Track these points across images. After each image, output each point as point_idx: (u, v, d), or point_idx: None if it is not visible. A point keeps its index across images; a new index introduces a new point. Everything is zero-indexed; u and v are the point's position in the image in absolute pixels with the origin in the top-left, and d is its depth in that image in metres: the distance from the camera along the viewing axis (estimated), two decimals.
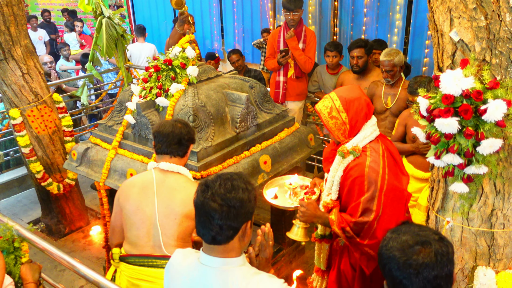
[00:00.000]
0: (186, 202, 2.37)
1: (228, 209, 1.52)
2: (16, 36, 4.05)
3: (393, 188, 2.35)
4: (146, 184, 2.50)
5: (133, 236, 2.47)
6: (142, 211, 2.44)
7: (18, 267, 2.55)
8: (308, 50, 4.82)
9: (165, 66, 3.33)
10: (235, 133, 3.32)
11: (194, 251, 1.77)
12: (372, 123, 2.46)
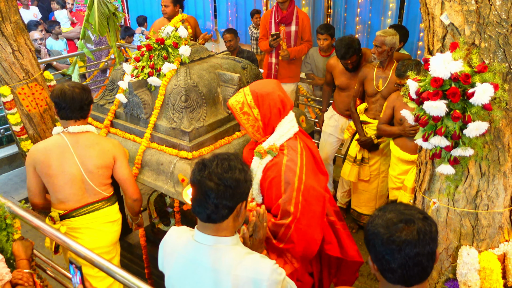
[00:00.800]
0: (101, 155, 2.84)
1: (224, 188, 1.55)
2: (6, 12, 4.00)
3: (311, 189, 2.22)
4: (62, 148, 2.78)
5: (68, 195, 2.82)
6: (68, 173, 2.77)
7: (10, 243, 2.58)
8: (304, 34, 4.82)
9: (157, 45, 3.32)
10: (227, 114, 3.33)
11: (189, 229, 1.81)
12: (289, 119, 2.31)
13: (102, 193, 2.92)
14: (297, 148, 2.25)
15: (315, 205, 2.23)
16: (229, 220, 1.63)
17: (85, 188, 2.85)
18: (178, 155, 3.05)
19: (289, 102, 2.34)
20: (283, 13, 4.78)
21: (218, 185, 1.55)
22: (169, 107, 3.18)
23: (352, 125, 4.04)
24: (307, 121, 3.88)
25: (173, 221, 3.82)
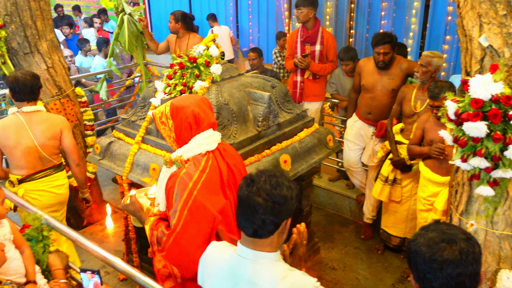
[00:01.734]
0: (50, 128, 3.45)
1: (272, 204, 1.58)
2: (42, 30, 4.13)
3: (201, 207, 2.15)
4: (18, 125, 3.36)
5: (24, 163, 3.41)
6: (24, 145, 3.36)
7: (46, 255, 2.63)
8: (329, 53, 4.86)
9: (189, 63, 3.40)
10: (256, 132, 3.38)
11: (229, 245, 1.83)
12: (204, 136, 2.29)
13: (53, 161, 3.54)
14: (200, 165, 2.22)
15: (202, 224, 2.16)
16: (274, 236, 1.65)
17: (39, 157, 3.45)
18: None
19: (207, 120, 2.33)
20: (308, 32, 4.84)
21: (266, 201, 1.58)
22: None
23: (387, 144, 4.03)
24: (334, 140, 3.91)
25: None
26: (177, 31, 5.47)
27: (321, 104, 5.05)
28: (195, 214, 2.14)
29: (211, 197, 2.20)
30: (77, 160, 3.61)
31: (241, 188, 1.64)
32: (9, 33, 4.02)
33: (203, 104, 2.36)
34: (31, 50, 4.11)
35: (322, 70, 4.84)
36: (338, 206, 5.02)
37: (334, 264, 4.18)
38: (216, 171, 2.26)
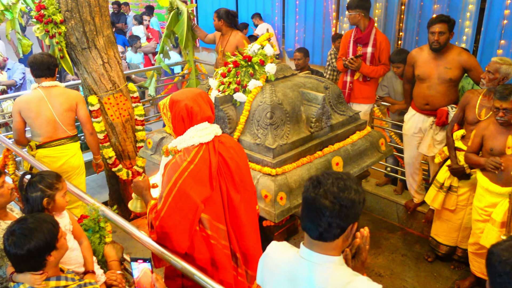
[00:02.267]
0: (67, 101, 3.88)
1: (339, 208, 1.54)
2: (100, 26, 4.23)
3: (184, 195, 2.25)
4: (39, 98, 3.80)
5: (43, 132, 3.86)
6: (44, 115, 3.81)
7: (102, 246, 2.68)
8: (382, 56, 4.76)
9: (244, 62, 3.40)
10: (309, 133, 3.34)
11: (291, 246, 1.80)
12: (197, 129, 2.36)
13: (68, 132, 3.97)
14: (189, 156, 2.31)
15: (185, 211, 2.27)
16: (339, 240, 1.61)
17: (56, 126, 3.89)
18: (261, 171, 3.08)
19: (201, 114, 2.39)
20: (361, 33, 4.78)
21: (334, 204, 1.54)
22: (254, 123, 3.23)
23: (445, 150, 3.89)
24: (386, 144, 3.82)
25: None
26: (220, 28, 5.52)
27: (371, 106, 4.95)
28: (178, 202, 2.25)
29: (196, 186, 2.29)
30: (90, 130, 4.08)
31: (307, 190, 1.61)
32: (69, 28, 4.14)
33: (199, 98, 2.41)
34: (89, 46, 4.22)
35: (373, 72, 4.75)
36: (385, 212, 4.92)
37: (380, 270, 4.09)
38: (205, 163, 2.33)
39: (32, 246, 1.93)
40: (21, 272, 2.00)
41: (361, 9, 4.68)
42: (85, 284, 2.10)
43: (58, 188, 2.43)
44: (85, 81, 4.38)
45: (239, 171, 2.46)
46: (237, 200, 2.44)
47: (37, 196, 2.34)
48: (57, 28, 4.07)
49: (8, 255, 1.97)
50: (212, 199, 2.35)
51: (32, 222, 1.98)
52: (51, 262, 2.03)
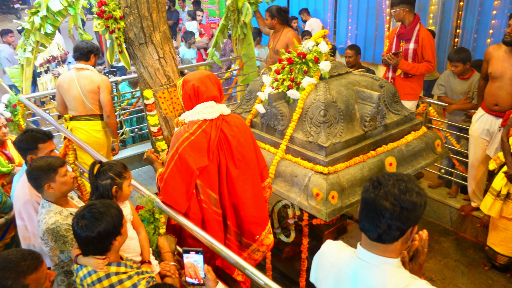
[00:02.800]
0: (91, 84, 4.46)
1: (400, 210, 1.51)
2: (157, 22, 4.33)
3: (183, 160, 2.56)
4: (71, 78, 4.48)
5: (73, 107, 4.54)
6: (73, 93, 4.47)
7: (156, 237, 2.76)
8: (426, 53, 4.64)
9: (298, 59, 3.38)
10: (362, 132, 3.29)
11: (346, 246, 1.79)
12: (202, 106, 2.65)
13: (94, 110, 4.56)
14: (192, 129, 2.61)
15: (183, 175, 2.59)
16: (398, 242, 1.59)
17: (83, 103, 4.50)
18: (313, 169, 3.07)
19: (207, 93, 2.66)
20: (404, 29, 4.71)
21: (394, 206, 1.51)
22: (307, 120, 3.21)
23: (500, 156, 3.73)
24: (442, 145, 3.71)
25: (293, 233, 3.84)
26: (274, 26, 5.53)
27: (415, 103, 4.82)
28: (178, 166, 2.59)
29: (194, 155, 2.59)
30: (108, 113, 4.55)
31: (366, 190, 1.58)
32: (127, 24, 4.26)
33: (206, 79, 2.70)
34: (146, 41, 4.32)
35: (413, 69, 4.66)
36: (437, 215, 4.78)
37: (431, 275, 3.99)
38: (206, 136, 2.62)
39: (102, 229, 2.03)
40: (87, 255, 2.10)
41: (405, 4, 4.63)
42: (142, 272, 2.17)
43: (126, 177, 2.53)
44: (141, 75, 4.50)
45: (241, 148, 2.69)
46: (235, 174, 2.69)
47: (107, 184, 2.45)
48: (116, 23, 4.20)
49: (78, 238, 2.06)
50: (207, 169, 2.64)
51: (101, 207, 2.07)
52: (115, 247, 2.11)
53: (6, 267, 1.80)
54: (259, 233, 2.86)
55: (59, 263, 2.60)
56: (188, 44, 7.38)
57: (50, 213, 2.52)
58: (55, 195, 2.58)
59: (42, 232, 2.50)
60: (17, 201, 3.00)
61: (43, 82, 6.30)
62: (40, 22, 4.80)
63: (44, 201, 2.59)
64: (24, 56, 5.05)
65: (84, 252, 2.12)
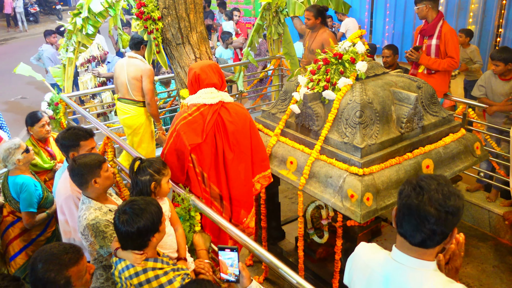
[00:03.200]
0: (135, 71, 4.91)
1: (445, 215, 1.50)
2: (194, 22, 4.40)
3: (179, 137, 2.89)
4: (122, 64, 5.00)
5: (119, 90, 5.06)
6: (121, 79, 4.96)
7: (191, 234, 2.81)
8: (449, 49, 4.62)
9: (334, 59, 3.37)
10: (399, 133, 3.25)
11: (380, 248, 1.78)
12: (202, 92, 2.96)
13: (135, 95, 5.00)
14: (191, 110, 2.94)
15: (178, 151, 2.92)
16: (439, 246, 1.57)
17: (126, 89, 4.96)
18: (348, 170, 3.05)
19: (208, 80, 2.98)
20: (426, 25, 4.74)
21: (439, 212, 1.50)
22: (342, 121, 3.19)
23: None
24: (481, 148, 3.62)
25: (326, 234, 3.83)
26: (316, 26, 5.47)
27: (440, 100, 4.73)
28: (175, 142, 2.91)
29: (189, 132, 2.88)
30: (148, 100, 4.96)
31: (408, 196, 1.56)
32: (165, 24, 4.35)
33: (208, 68, 3.02)
34: (183, 41, 4.40)
35: (434, 64, 4.65)
36: (475, 219, 4.66)
37: (468, 280, 3.90)
38: (202, 118, 2.91)
39: (142, 225, 2.09)
40: (126, 250, 2.16)
41: (428, 1, 4.65)
42: (178, 269, 2.22)
43: (165, 174, 2.60)
44: (178, 75, 4.58)
45: (237, 134, 2.97)
46: (230, 157, 2.98)
47: (146, 180, 2.52)
48: (155, 24, 4.29)
49: (118, 232, 2.13)
50: (201, 148, 2.93)
51: (142, 203, 2.14)
52: (153, 243, 2.17)
53: (49, 260, 1.88)
54: (246, 216, 3.16)
55: (98, 258, 2.69)
56: (226, 44, 7.45)
57: (90, 209, 2.61)
58: (98, 191, 2.66)
59: (83, 228, 2.59)
60: (59, 196, 3.11)
61: (84, 81, 6.51)
62: (81, 23, 4.96)
63: (84, 197, 2.68)
64: (66, 56, 5.23)
65: (123, 246, 2.19)
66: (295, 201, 5.25)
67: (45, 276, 1.86)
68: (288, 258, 3.97)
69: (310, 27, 5.51)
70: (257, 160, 3.14)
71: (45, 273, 1.85)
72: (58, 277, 1.87)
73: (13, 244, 3.61)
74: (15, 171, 3.49)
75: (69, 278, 1.90)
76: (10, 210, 3.59)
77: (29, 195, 3.44)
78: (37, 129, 4.06)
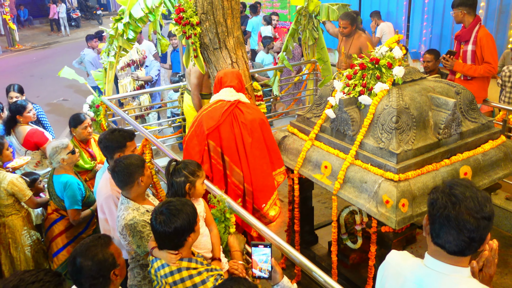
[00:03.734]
0: (189, 67, 4.86)
1: (483, 222, 1.50)
2: (231, 27, 4.47)
3: (200, 125, 3.44)
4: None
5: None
6: (186, 73, 5.24)
7: (226, 235, 2.86)
8: (485, 54, 4.53)
9: (371, 64, 3.36)
10: (436, 139, 3.21)
11: (411, 255, 1.78)
12: (224, 91, 3.58)
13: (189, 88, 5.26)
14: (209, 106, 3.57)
15: (198, 136, 3.42)
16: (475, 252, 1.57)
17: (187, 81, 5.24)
18: (383, 175, 3.04)
19: (228, 82, 3.61)
20: (462, 30, 4.70)
21: (478, 220, 1.50)
22: (378, 126, 3.19)
23: None
24: None
25: (360, 239, 3.81)
26: (352, 32, 5.48)
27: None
28: (196, 129, 3.46)
29: (207, 120, 3.42)
30: (191, 94, 5.21)
31: (444, 207, 1.54)
32: (203, 29, 4.43)
33: (230, 73, 3.72)
34: (220, 46, 4.47)
35: (469, 70, 4.58)
36: None
37: None
38: (219, 110, 3.45)
39: (179, 225, 2.15)
40: (162, 249, 2.23)
41: (464, 6, 4.59)
42: (211, 269, 2.27)
43: (199, 175, 2.66)
44: (214, 79, 4.66)
45: (253, 123, 3.43)
46: (248, 142, 3.40)
47: (181, 181, 2.59)
48: (193, 29, 4.38)
49: (155, 232, 2.21)
50: (219, 132, 3.39)
51: (178, 204, 2.20)
52: (188, 243, 2.23)
53: (91, 246, 2.05)
54: (266, 201, 3.47)
55: (135, 257, 2.78)
56: (267, 49, 7.52)
57: (128, 209, 2.70)
58: (141, 190, 2.76)
59: (121, 227, 2.68)
60: (100, 196, 3.23)
61: (123, 84, 6.70)
62: (123, 28, 5.11)
63: (123, 197, 2.77)
64: (107, 60, 5.40)
65: (160, 246, 2.25)
66: (328, 205, 5.24)
67: (95, 258, 1.99)
68: (321, 263, 3.97)
69: (347, 35, 5.52)
70: (273, 155, 3.55)
71: (93, 256, 2.00)
72: (105, 254, 2.02)
73: (56, 241, 3.76)
74: (60, 170, 3.64)
75: (112, 254, 2.06)
76: (54, 208, 3.74)
77: (74, 193, 3.59)
78: (80, 130, 4.22)
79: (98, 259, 2.00)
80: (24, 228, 3.78)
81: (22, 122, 4.50)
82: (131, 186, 2.70)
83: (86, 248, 2.04)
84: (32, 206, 3.86)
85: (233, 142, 3.40)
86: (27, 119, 4.52)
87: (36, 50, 16.78)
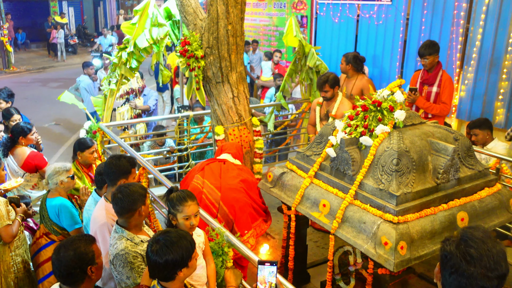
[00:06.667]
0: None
1: (498, 281, 1.55)
2: (234, 63, 4.55)
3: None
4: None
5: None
6: None
7: (223, 270, 2.82)
8: (444, 95, 4.99)
9: (373, 106, 3.43)
10: (434, 184, 3.24)
11: None
12: (223, 155, 4.29)
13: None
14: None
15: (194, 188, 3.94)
16: None
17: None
18: (382, 216, 3.04)
19: (227, 150, 4.33)
20: (428, 75, 5.08)
21: (492, 280, 1.53)
22: (378, 168, 3.22)
23: None
24: None
25: (353, 280, 3.77)
26: (347, 72, 5.62)
27: None
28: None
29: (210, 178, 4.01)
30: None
31: (459, 266, 1.55)
32: (207, 63, 4.51)
33: (229, 144, 4.47)
34: (223, 80, 4.55)
35: (428, 108, 5.01)
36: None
37: None
38: (215, 166, 4.15)
39: (170, 258, 2.11)
40: (152, 278, 2.19)
41: (437, 52, 5.00)
42: None
43: (179, 210, 2.64)
44: (214, 112, 4.70)
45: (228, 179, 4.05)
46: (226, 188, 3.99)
47: (167, 211, 2.57)
48: (197, 62, 4.46)
49: (148, 260, 2.17)
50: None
51: (174, 236, 2.17)
52: (180, 278, 2.18)
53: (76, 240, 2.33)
54: (247, 229, 3.97)
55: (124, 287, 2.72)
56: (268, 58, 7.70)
57: (122, 238, 2.65)
58: (140, 220, 2.72)
59: (112, 257, 2.63)
60: (95, 224, 3.17)
61: (121, 112, 6.72)
62: (126, 57, 5.17)
63: (117, 226, 2.71)
64: (109, 87, 5.43)
65: (151, 275, 2.21)
66: (319, 244, 5.19)
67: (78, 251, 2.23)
68: None
69: (342, 71, 5.71)
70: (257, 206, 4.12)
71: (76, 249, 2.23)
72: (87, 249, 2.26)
73: (43, 267, 3.66)
74: (54, 193, 3.59)
75: (93, 252, 2.29)
76: (44, 231, 3.66)
77: (70, 214, 3.55)
78: (87, 154, 4.22)
79: (80, 251, 2.24)
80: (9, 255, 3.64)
81: (24, 144, 4.46)
82: (131, 215, 2.66)
83: (71, 241, 2.30)
84: (5, 236, 3.45)
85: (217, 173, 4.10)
86: (29, 141, 4.50)
87: (30, 73, 16.78)
